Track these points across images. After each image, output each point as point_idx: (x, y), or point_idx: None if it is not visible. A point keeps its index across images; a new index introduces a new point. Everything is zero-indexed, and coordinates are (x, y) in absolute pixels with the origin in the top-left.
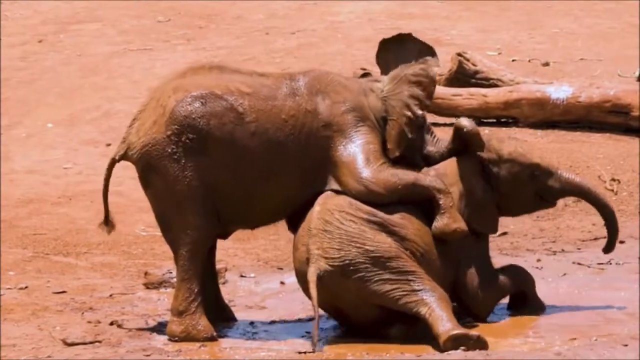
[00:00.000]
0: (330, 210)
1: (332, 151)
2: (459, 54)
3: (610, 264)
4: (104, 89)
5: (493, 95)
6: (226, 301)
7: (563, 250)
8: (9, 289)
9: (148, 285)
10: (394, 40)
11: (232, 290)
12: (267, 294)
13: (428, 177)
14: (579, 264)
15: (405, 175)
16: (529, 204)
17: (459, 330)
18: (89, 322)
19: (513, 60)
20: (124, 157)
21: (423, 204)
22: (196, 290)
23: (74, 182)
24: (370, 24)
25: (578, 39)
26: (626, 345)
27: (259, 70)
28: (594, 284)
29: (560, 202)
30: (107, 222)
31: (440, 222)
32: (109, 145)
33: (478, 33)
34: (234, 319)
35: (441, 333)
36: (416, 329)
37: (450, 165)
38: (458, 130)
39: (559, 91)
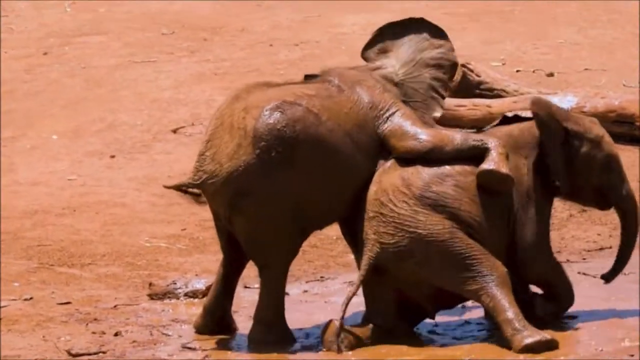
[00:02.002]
0: (385, 190)
1: (385, 126)
2: (463, 65)
3: None
4: (109, 101)
5: (497, 106)
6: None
7: (568, 261)
8: (13, 300)
9: (152, 296)
10: (399, 24)
11: (236, 301)
12: None
13: (478, 135)
14: (584, 274)
15: (456, 133)
16: (587, 194)
17: (532, 339)
18: (94, 333)
19: (517, 71)
20: (199, 186)
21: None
22: (282, 301)
23: (79, 194)
24: None
25: (582, 50)
26: (632, 356)
27: (262, 80)
28: (599, 294)
29: (565, 212)
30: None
31: (488, 164)
32: (113, 157)
33: (482, 44)
34: (235, 331)
35: (511, 338)
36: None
37: (528, 128)
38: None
39: (564, 101)
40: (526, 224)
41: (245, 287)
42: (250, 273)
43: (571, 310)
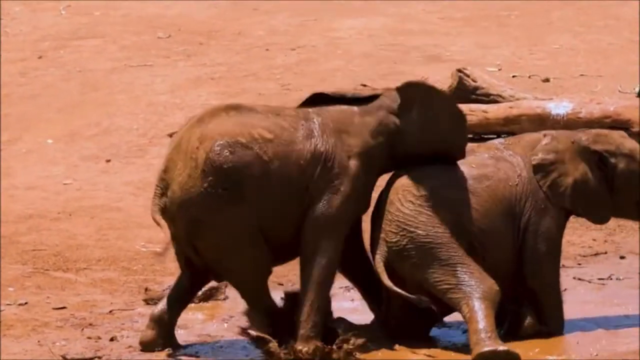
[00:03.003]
0: (396, 189)
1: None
2: (459, 70)
3: (611, 279)
4: (104, 105)
5: (493, 111)
6: (227, 316)
7: (563, 266)
8: (8, 304)
9: (148, 301)
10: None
11: (232, 306)
12: None
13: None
14: (579, 279)
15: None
16: (632, 208)
17: (489, 348)
18: (89, 338)
19: (513, 76)
20: (163, 212)
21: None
22: (269, 316)
23: (74, 198)
24: (370, 40)
25: (578, 55)
26: None
27: (259, 85)
28: (594, 299)
29: None
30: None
31: None
32: (108, 161)
33: (478, 49)
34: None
35: (473, 347)
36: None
37: (566, 146)
38: None
39: (559, 107)
40: (539, 235)
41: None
42: None
43: (566, 315)
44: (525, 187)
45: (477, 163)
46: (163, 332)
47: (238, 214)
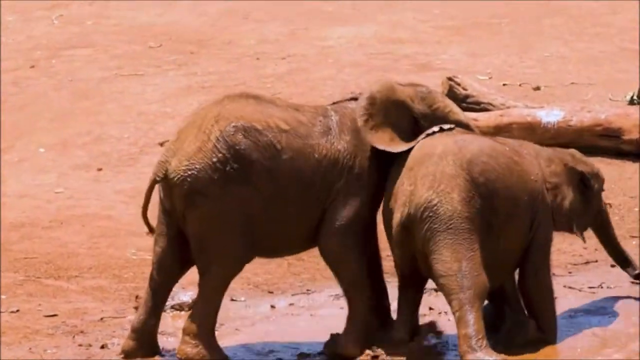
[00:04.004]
0: (435, 146)
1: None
2: (450, 78)
3: (602, 287)
4: (96, 114)
5: (484, 120)
6: (217, 324)
7: (554, 274)
8: (0, 312)
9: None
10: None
11: (222, 314)
12: (257, 317)
13: None
14: (570, 287)
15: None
16: (589, 223)
17: (482, 358)
18: (80, 345)
19: (504, 85)
20: (164, 179)
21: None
22: (216, 314)
23: (66, 207)
24: (360, 49)
25: (569, 63)
26: None
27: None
28: (585, 307)
29: None
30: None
31: None
32: (100, 169)
33: (468, 57)
34: (161, 354)
35: (464, 354)
36: None
37: (561, 168)
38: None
39: (550, 115)
40: (542, 242)
41: (232, 299)
42: (236, 286)
43: (558, 323)
44: (541, 186)
45: (508, 146)
46: (145, 340)
47: (239, 194)
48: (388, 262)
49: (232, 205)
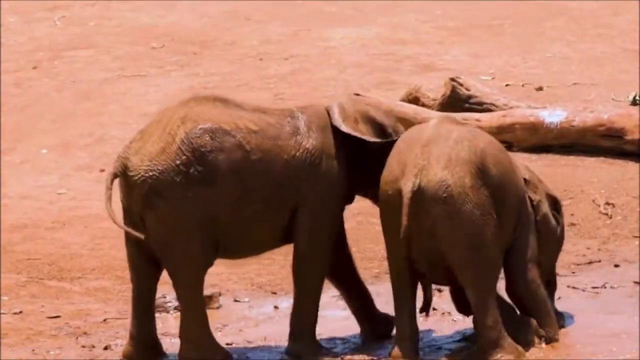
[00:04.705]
0: (449, 129)
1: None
2: (452, 79)
3: (605, 287)
4: (98, 115)
5: (486, 120)
6: (220, 325)
7: (557, 274)
8: (3, 313)
9: None
10: None
11: (225, 315)
12: (260, 318)
13: None
14: (573, 287)
15: None
16: None
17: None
18: (83, 346)
19: (506, 85)
20: (122, 175)
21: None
22: (204, 313)
23: (68, 208)
24: (363, 50)
25: (571, 64)
26: None
27: (252, 94)
28: (589, 308)
29: None
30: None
31: None
32: (102, 170)
33: (471, 58)
34: (164, 355)
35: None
36: None
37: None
38: None
39: (553, 115)
40: (526, 239)
41: (235, 300)
42: (240, 287)
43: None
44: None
45: None
46: (144, 345)
47: (202, 197)
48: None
49: (193, 208)
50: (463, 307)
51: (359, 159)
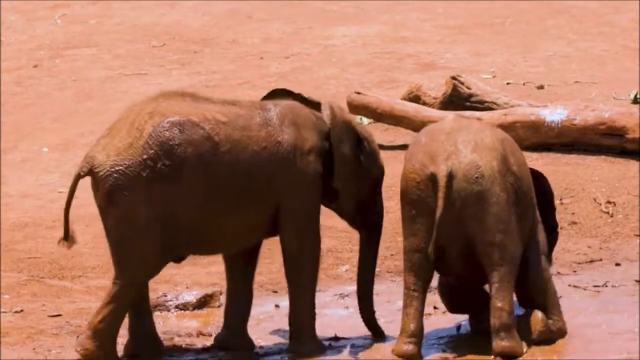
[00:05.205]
0: (470, 121)
1: (282, 193)
2: (453, 78)
3: (606, 286)
4: (99, 114)
5: (487, 119)
6: (221, 324)
7: (559, 273)
8: (4, 312)
9: None
10: None
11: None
12: (261, 317)
13: None
14: (575, 286)
15: None
16: None
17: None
18: None
19: (507, 84)
20: (88, 173)
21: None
22: (122, 315)
23: None
24: (364, 48)
25: (572, 62)
26: None
27: (253, 93)
28: (590, 306)
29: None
30: (67, 238)
31: None
32: None
33: (472, 56)
34: (164, 353)
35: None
36: None
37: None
38: None
39: (554, 114)
40: (539, 235)
41: None
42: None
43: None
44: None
45: None
46: (144, 343)
47: (167, 194)
48: (392, 262)
49: (156, 204)
50: (455, 305)
51: (331, 165)
